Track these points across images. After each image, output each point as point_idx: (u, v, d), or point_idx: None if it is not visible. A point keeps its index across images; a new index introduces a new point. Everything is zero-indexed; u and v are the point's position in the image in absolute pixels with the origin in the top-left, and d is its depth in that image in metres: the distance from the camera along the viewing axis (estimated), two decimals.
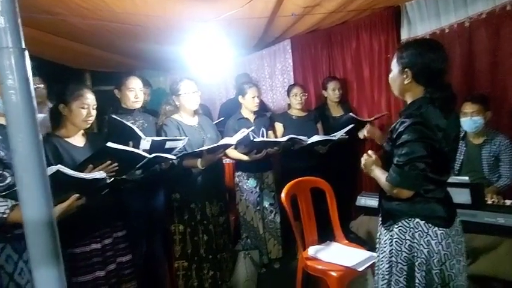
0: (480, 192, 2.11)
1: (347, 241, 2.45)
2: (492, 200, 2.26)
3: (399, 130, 1.43)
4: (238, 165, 3.01)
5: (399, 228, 1.49)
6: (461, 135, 2.64)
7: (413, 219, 1.47)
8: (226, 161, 3.24)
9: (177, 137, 2.24)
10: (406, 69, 1.46)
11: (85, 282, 1.82)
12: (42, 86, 2.72)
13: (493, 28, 2.73)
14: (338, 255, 2.23)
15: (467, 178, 2.17)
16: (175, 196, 2.46)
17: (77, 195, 1.44)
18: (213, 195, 2.53)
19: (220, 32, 2.66)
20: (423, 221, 1.45)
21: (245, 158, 2.80)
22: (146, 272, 2.46)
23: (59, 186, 1.35)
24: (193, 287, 2.46)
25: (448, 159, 1.51)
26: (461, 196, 2.10)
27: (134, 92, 2.35)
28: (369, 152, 1.65)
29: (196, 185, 2.43)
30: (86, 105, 1.84)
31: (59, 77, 4.39)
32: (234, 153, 2.86)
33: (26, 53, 0.65)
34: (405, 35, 3.13)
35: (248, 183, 2.94)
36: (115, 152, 1.66)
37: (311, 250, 2.31)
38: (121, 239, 2.04)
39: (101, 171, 1.51)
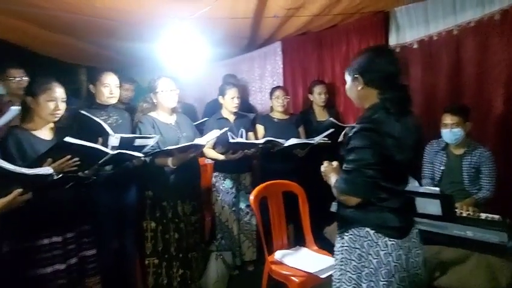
0: (451, 204, 2.06)
1: (316, 247, 2.43)
2: (467, 212, 2.22)
3: (348, 135, 1.42)
4: (216, 165, 3.00)
5: (350, 236, 1.47)
6: (443, 145, 2.60)
7: (363, 228, 1.44)
8: (206, 161, 3.24)
9: (147, 135, 2.24)
10: (356, 76, 1.47)
11: (43, 275, 1.84)
12: (26, 78, 2.75)
13: (481, 37, 2.69)
14: (304, 260, 2.21)
15: (437, 189, 2.14)
16: (148, 193, 2.46)
17: (20, 190, 1.43)
18: (186, 194, 2.52)
19: (200, 30, 2.66)
20: (374, 231, 1.41)
21: (221, 157, 2.79)
22: (115, 268, 2.47)
23: (1, 180, 1.35)
24: (162, 284, 2.46)
25: (403, 168, 1.47)
26: (432, 207, 2.07)
27: (109, 88, 2.36)
28: (326, 162, 1.64)
29: (169, 183, 2.43)
30: (54, 99, 1.85)
31: (51, 72, 4.45)
32: (210, 153, 2.85)
33: None
34: (393, 40, 3.10)
35: (224, 184, 2.93)
36: (74, 146, 1.66)
37: (278, 254, 2.30)
38: (86, 233, 2.05)
39: (48, 167, 1.51)
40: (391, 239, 1.40)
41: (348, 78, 1.53)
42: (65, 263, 1.91)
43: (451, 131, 2.45)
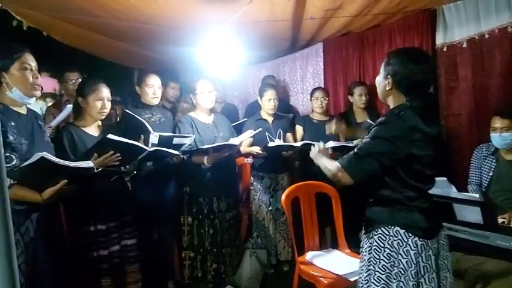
0: (493, 212, 1.93)
1: (349, 250, 2.39)
2: None
3: (374, 124, 1.44)
4: (254, 165, 3.06)
5: (379, 235, 1.46)
6: (492, 149, 2.44)
7: (392, 227, 1.43)
8: (246, 160, 3.31)
9: (184, 134, 2.36)
10: (388, 76, 1.48)
11: (87, 259, 2.02)
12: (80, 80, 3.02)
13: None
14: (334, 263, 2.20)
15: (477, 196, 2.00)
16: (185, 189, 2.61)
17: (65, 181, 1.60)
18: (221, 191, 2.62)
19: (240, 33, 2.75)
20: (403, 230, 1.41)
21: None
22: (155, 258, 2.63)
23: (48, 171, 1.53)
24: (197, 277, 2.58)
25: (428, 165, 1.44)
26: (472, 215, 1.95)
27: (153, 89, 2.52)
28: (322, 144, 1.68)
29: (205, 181, 2.54)
30: (101, 98, 2.04)
31: (109, 75, 4.84)
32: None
33: None
34: (440, 39, 2.94)
35: (262, 183, 2.98)
36: (115, 143, 1.82)
37: (309, 255, 2.30)
38: (127, 224, 2.21)
39: (89, 161, 1.66)
40: (421, 239, 1.39)
41: (381, 72, 1.53)
42: (108, 249, 2.09)
43: (500, 135, 2.30)
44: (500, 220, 2.08)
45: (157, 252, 2.64)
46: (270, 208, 2.99)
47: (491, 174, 2.45)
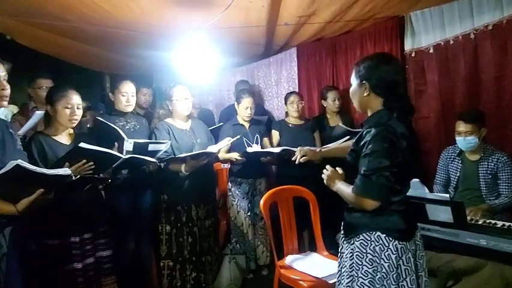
0: (462, 211, 2.02)
1: (327, 252, 2.43)
2: (483, 219, 2.16)
3: (365, 139, 1.43)
4: (231, 170, 3.06)
5: (361, 241, 1.47)
6: (458, 151, 2.55)
7: (374, 232, 1.44)
8: (222, 166, 3.30)
9: (159, 140, 2.32)
10: (364, 82, 1.50)
11: (62, 273, 1.95)
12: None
13: (500, 40, 2.61)
14: (313, 265, 2.22)
15: (447, 195, 2.09)
16: (163, 197, 2.56)
17: (42, 190, 1.53)
18: (200, 198, 2.59)
19: (216, 39, 2.74)
20: (384, 235, 1.43)
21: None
22: (132, 268, 2.56)
23: (24, 180, 1.46)
24: (176, 286, 2.53)
25: (410, 170, 1.50)
26: (443, 214, 2.03)
27: (126, 97, 2.47)
28: (330, 168, 1.64)
29: (183, 188, 2.50)
30: (70, 105, 1.97)
31: (80, 80, 4.71)
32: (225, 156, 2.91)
33: None
34: (409, 45, 3.06)
35: (240, 189, 2.98)
36: (87, 151, 1.77)
37: (288, 259, 2.32)
38: (102, 234, 2.15)
39: (66, 168, 1.60)
40: (400, 242, 1.42)
41: (354, 82, 1.55)
42: (82, 262, 2.02)
43: (464, 139, 2.40)
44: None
45: (134, 263, 2.58)
46: (248, 213, 2.98)
47: (458, 174, 2.55)
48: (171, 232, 2.53)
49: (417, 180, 2.21)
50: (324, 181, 1.64)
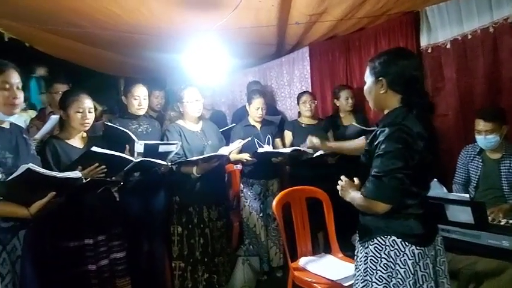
0: (483, 212, 1.94)
1: (342, 254, 2.38)
2: (505, 219, 2.08)
3: (379, 139, 1.37)
4: (244, 171, 3.04)
5: (375, 245, 1.42)
6: (478, 149, 2.46)
7: (389, 236, 1.39)
8: (235, 167, 3.29)
9: (169, 142, 2.33)
10: (380, 78, 1.43)
11: (76, 275, 1.97)
12: None
13: None
14: (328, 268, 2.18)
15: (467, 195, 2.02)
16: (175, 199, 2.56)
17: (54, 193, 1.55)
18: (211, 200, 2.58)
19: (226, 40, 2.74)
20: (400, 239, 1.37)
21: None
22: (146, 270, 2.57)
23: (35, 184, 1.48)
24: (187, 287, 2.53)
25: (428, 171, 1.43)
26: (463, 215, 1.96)
27: (138, 100, 2.48)
28: (344, 177, 1.58)
29: (195, 190, 2.50)
30: (82, 109, 2.00)
31: (96, 84, 4.79)
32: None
33: None
34: (424, 41, 2.98)
35: (252, 190, 2.96)
36: (100, 155, 1.78)
37: (302, 261, 2.28)
38: (116, 236, 2.17)
39: (76, 172, 1.62)
40: (418, 247, 1.35)
41: (369, 79, 1.49)
42: (97, 264, 2.04)
43: (485, 138, 2.31)
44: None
45: (148, 264, 2.59)
46: (261, 215, 2.96)
47: (478, 174, 2.46)
48: (182, 233, 2.54)
49: (436, 180, 2.14)
50: (339, 192, 1.58)
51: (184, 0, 2.29)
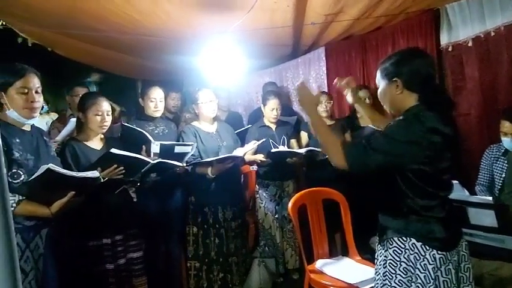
0: (507, 215, 1.87)
1: (359, 257, 2.34)
2: None
3: (391, 124, 1.35)
4: (259, 172, 3.03)
5: (394, 248, 1.38)
6: (503, 150, 2.38)
7: (408, 239, 1.34)
8: (251, 168, 3.28)
9: (185, 143, 2.35)
10: (395, 79, 1.39)
11: (95, 273, 2.00)
12: None
13: None
14: (345, 271, 2.15)
15: (490, 198, 1.95)
16: (191, 199, 2.59)
17: (73, 192, 1.59)
18: (227, 200, 2.59)
19: (241, 41, 2.74)
20: (420, 243, 1.32)
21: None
22: (162, 269, 2.60)
23: (55, 183, 1.52)
24: (203, 287, 2.55)
25: (446, 170, 1.37)
26: (486, 218, 1.89)
27: (155, 103, 2.52)
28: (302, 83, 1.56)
29: (210, 190, 2.52)
30: (100, 112, 2.03)
31: (113, 86, 4.89)
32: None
33: None
34: (445, 39, 2.90)
35: (267, 191, 2.94)
36: (118, 157, 1.81)
37: (318, 263, 2.25)
38: (133, 236, 2.20)
39: (94, 171, 1.65)
40: (439, 252, 1.30)
41: (382, 82, 1.45)
42: (114, 263, 2.07)
43: (511, 140, 2.23)
44: None
45: (165, 264, 2.62)
46: (276, 216, 2.94)
47: (503, 175, 2.38)
48: (198, 233, 2.56)
49: (457, 182, 2.08)
50: (297, 100, 1.57)
51: (200, 2, 2.30)
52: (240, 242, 2.68)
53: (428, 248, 1.31)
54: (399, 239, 1.36)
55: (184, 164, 2.32)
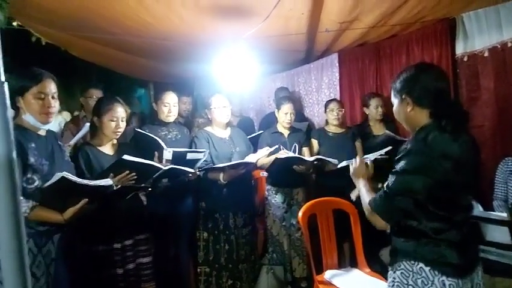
0: None
1: (369, 269, 2.31)
2: None
3: (399, 155, 1.32)
4: (268, 179, 3.02)
5: (402, 271, 1.33)
6: None
7: (416, 263, 1.29)
8: (262, 174, 3.27)
9: (197, 149, 2.35)
10: (404, 97, 1.37)
11: (104, 278, 2.01)
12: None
13: None
14: (354, 283, 2.13)
15: (505, 215, 1.91)
16: (201, 204, 2.59)
17: (86, 200, 1.60)
18: (237, 207, 2.59)
19: (256, 47, 2.73)
20: (429, 267, 1.26)
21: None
22: (171, 274, 2.61)
23: (69, 191, 1.53)
24: None
25: (462, 193, 1.33)
26: (500, 235, 1.86)
27: (168, 107, 2.53)
28: (360, 159, 1.57)
29: (221, 196, 2.51)
30: (115, 118, 2.04)
31: (125, 88, 4.92)
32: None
33: (5, 85, 0.67)
34: (460, 49, 2.86)
35: (276, 198, 2.93)
36: (130, 163, 1.82)
37: (327, 274, 2.23)
38: (143, 242, 2.20)
39: (108, 179, 1.66)
40: (450, 278, 1.24)
41: (395, 100, 1.44)
42: (123, 268, 2.08)
43: None
44: None
45: (174, 269, 2.62)
46: (283, 224, 2.92)
47: None
48: (208, 239, 2.56)
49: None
50: (350, 172, 1.57)
51: (216, 9, 2.30)
52: (249, 248, 2.68)
53: (437, 273, 1.25)
54: (407, 262, 1.32)
55: (196, 170, 2.32)
